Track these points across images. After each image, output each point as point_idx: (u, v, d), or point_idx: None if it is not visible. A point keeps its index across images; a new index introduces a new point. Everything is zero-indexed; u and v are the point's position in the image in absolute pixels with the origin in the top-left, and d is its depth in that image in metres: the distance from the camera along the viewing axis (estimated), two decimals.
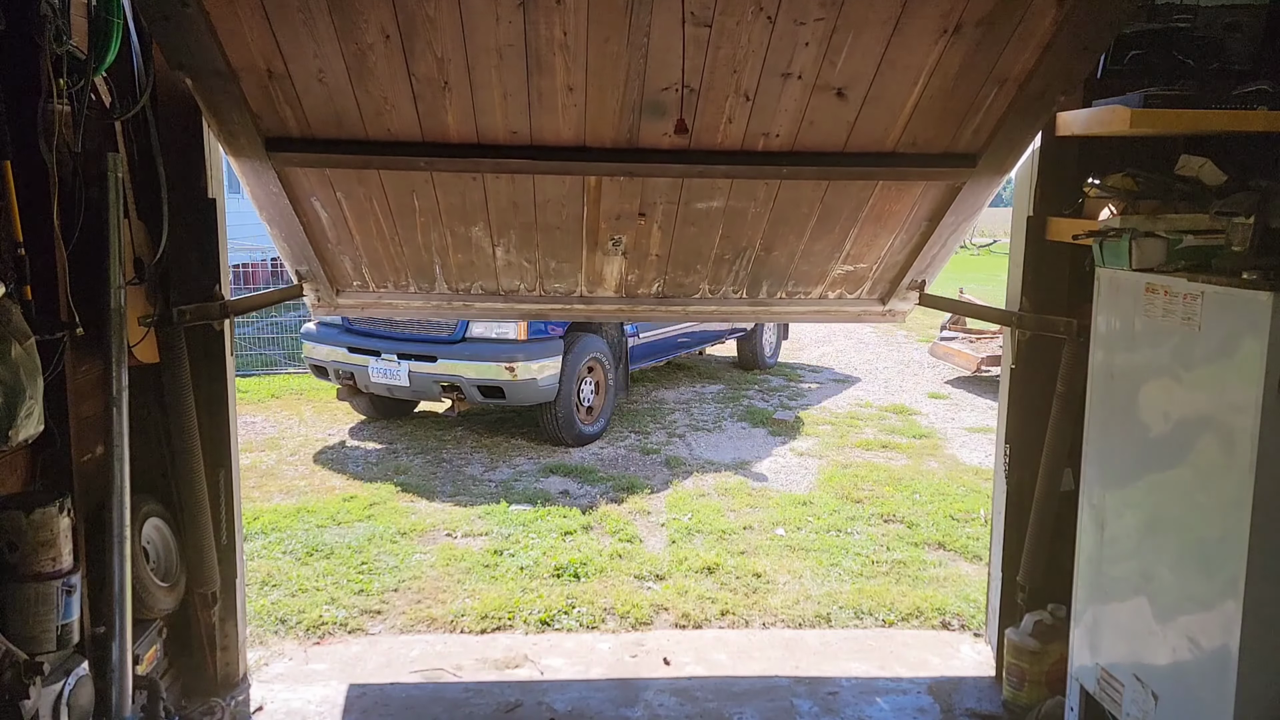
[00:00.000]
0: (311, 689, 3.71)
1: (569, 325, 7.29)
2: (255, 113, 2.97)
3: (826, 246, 3.74)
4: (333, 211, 3.45)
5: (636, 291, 3.99)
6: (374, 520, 5.61)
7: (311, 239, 3.57)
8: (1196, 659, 2.56)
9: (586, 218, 3.50)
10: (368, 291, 3.92)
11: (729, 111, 3.01)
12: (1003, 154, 3.28)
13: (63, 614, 2.54)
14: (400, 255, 3.70)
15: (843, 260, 3.84)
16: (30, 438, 2.42)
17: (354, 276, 3.84)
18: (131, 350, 3.07)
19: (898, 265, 3.89)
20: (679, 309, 4.14)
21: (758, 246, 3.71)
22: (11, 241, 2.51)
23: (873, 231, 3.66)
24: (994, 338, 10.11)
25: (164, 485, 3.44)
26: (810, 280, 3.96)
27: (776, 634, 4.30)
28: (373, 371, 7.14)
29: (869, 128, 3.12)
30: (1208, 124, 3.04)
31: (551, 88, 2.88)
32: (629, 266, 3.81)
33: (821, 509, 5.94)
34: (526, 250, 3.68)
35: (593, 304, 4.06)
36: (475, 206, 3.43)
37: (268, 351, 10.54)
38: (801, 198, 3.45)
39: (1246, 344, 2.37)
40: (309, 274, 3.77)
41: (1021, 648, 3.54)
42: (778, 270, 3.88)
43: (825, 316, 4.28)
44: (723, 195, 3.41)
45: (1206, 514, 2.53)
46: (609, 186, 3.35)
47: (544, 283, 3.90)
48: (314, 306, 3.96)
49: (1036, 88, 2.97)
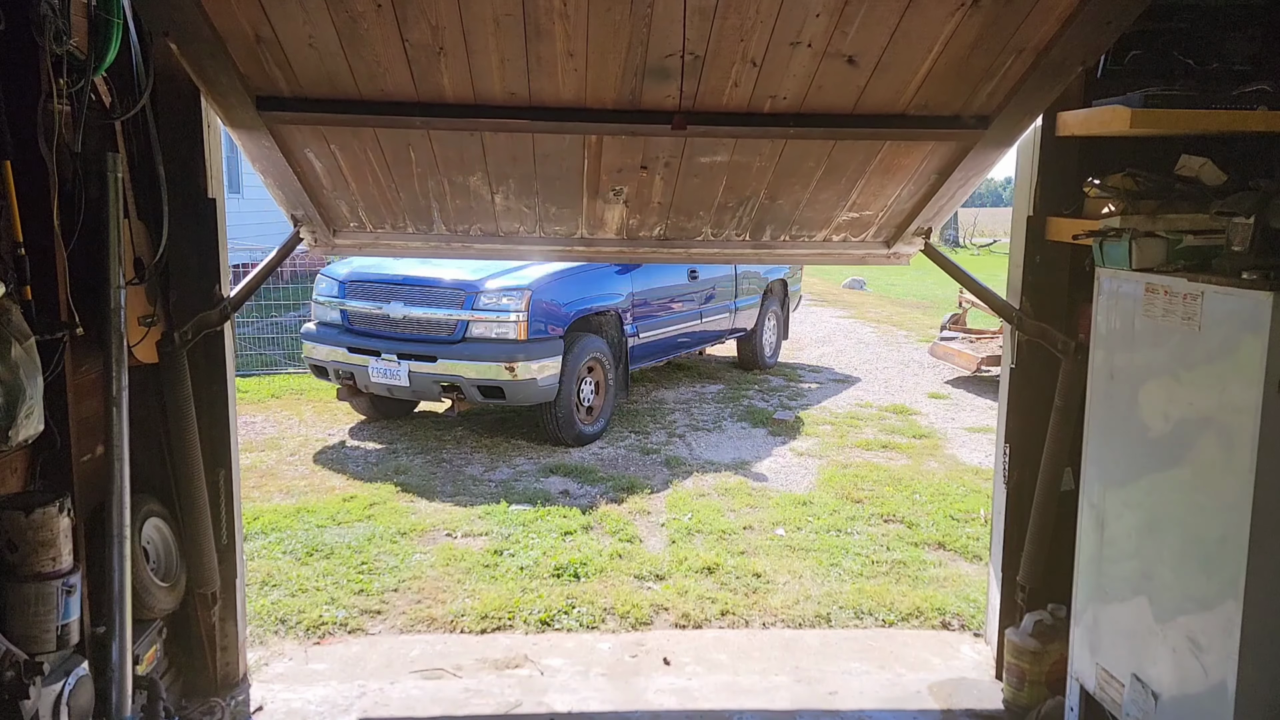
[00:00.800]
0: (311, 689, 3.71)
1: (569, 325, 7.29)
2: (244, 74, 2.91)
3: (832, 196, 3.69)
4: (327, 162, 3.41)
5: (638, 234, 3.95)
6: (374, 520, 5.61)
7: (306, 186, 3.52)
8: (1196, 659, 2.56)
9: (587, 170, 3.46)
10: (364, 232, 3.88)
11: (735, 77, 2.96)
12: (1016, 118, 3.21)
13: (63, 614, 2.54)
14: (397, 201, 3.66)
15: (848, 208, 3.79)
16: (30, 438, 2.42)
17: (350, 219, 3.79)
18: (131, 350, 3.07)
19: (905, 213, 3.84)
20: (681, 251, 4.10)
21: (762, 196, 3.66)
22: (11, 241, 2.51)
23: (880, 183, 3.61)
24: (994, 338, 10.11)
25: (164, 485, 3.44)
26: (815, 225, 3.92)
27: (776, 634, 4.30)
28: (373, 371, 7.14)
29: (880, 92, 3.07)
30: (1208, 124, 3.04)
31: (551, 54, 2.84)
32: (630, 213, 3.77)
33: (821, 509, 5.94)
34: (526, 197, 3.64)
35: (593, 245, 4.02)
36: (473, 159, 3.38)
37: (268, 351, 10.54)
38: (808, 153, 3.40)
39: (1246, 344, 2.37)
40: (304, 218, 3.72)
41: (1021, 648, 3.54)
42: (782, 216, 3.83)
43: (829, 259, 4.25)
44: (727, 151, 3.36)
45: (1206, 514, 2.53)
46: (610, 143, 3.31)
47: (544, 226, 3.86)
48: (311, 247, 3.91)
49: (1056, 57, 2.90)
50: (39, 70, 2.57)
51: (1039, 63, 2.94)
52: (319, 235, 3.83)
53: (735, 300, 9.85)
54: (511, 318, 6.96)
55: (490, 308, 7.01)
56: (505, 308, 7.00)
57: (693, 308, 9.15)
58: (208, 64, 2.85)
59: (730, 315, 9.80)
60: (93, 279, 2.85)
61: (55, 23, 2.55)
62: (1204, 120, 3.03)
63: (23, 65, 2.56)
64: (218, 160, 3.46)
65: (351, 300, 7.50)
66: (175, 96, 3.25)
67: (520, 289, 7.07)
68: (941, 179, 3.57)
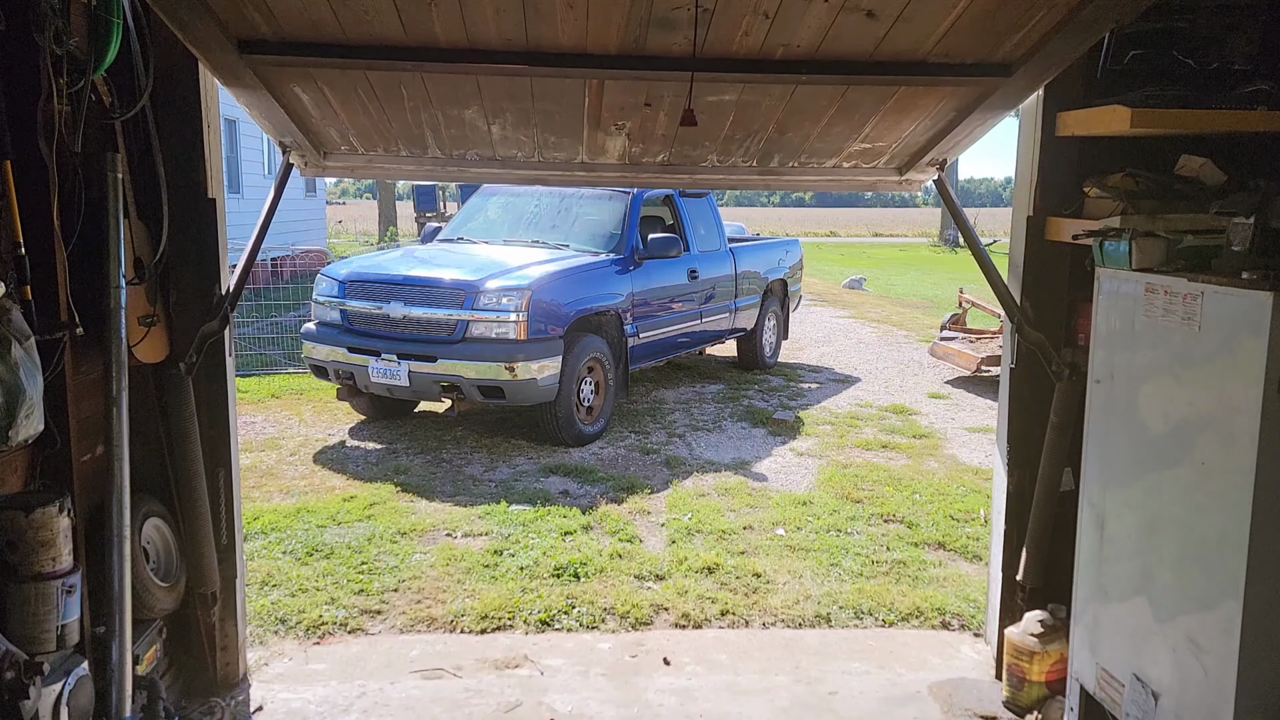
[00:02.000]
0: (311, 689, 3.71)
1: (569, 325, 7.29)
2: (223, 21, 2.81)
3: (845, 130, 3.59)
4: (314, 96, 3.32)
5: (641, 161, 3.88)
6: (374, 520, 5.61)
7: (293, 117, 3.42)
8: (1196, 659, 2.56)
9: (588, 107, 3.37)
10: (356, 155, 3.81)
11: (745, 27, 2.87)
12: (1041, 68, 3.09)
13: (63, 614, 2.54)
14: (389, 129, 3.59)
15: (860, 140, 3.69)
16: (30, 438, 2.42)
17: (340, 143, 3.71)
18: (131, 350, 3.07)
19: (920, 145, 3.73)
20: (685, 177, 4.03)
21: (770, 130, 3.57)
22: (11, 241, 2.51)
23: (895, 119, 3.51)
24: (994, 338, 10.11)
25: (164, 485, 3.45)
26: (825, 155, 3.84)
27: (776, 634, 4.30)
28: (373, 371, 7.14)
29: (899, 41, 2.96)
30: (1208, 124, 3.04)
31: (550, 5, 2.74)
32: (632, 143, 3.70)
33: (821, 509, 5.94)
34: (524, 129, 3.56)
35: (595, 171, 3.95)
36: (468, 95, 3.29)
37: (268, 351, 10.54)
38: (820, 94, 3.30)
39: (1246, 344, 2.36)
40: (293, 144, 3.63)
41: (1021, 648, 3.54)
42: (791, 147, 3.75)
43: (838, 186, 4.19)
44: (735, 91, 3.26)
45: (1206, 514, 2.53)
46: (612, 85, 3.22)
47: (542, 152, 3.78)
48: (302, 171, 3.83)
49: (1088, 16, 2.79)
50: (39, 70, 2.57)
51: (1070, 18, 2.81)
52: (309, 159, 3.75)
53: (735, 300, 9.85)
54: (511, 318, 6.96)
55: (490, 308, 7.01)
56: (505, 308, 7.00)
57: (693, 308, 9.15)
58: (183, 10, 2.72)
59: (730, 315, 9.80)
60: (93, 279, 2.85)
61: (55, 23, 2.55)
62: (1204, 120, 3.03)
63: (23, 65, 2.56)
64: (218, 160, 3.46)
65: (351, 300, 7.50)
66: (175, 96, 3.25)
67: (520, 289, 7.07)
68: (961, 117, 3.45)
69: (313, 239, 20.12)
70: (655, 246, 8.41)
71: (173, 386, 3.36)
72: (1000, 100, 3.29)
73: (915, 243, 40.10)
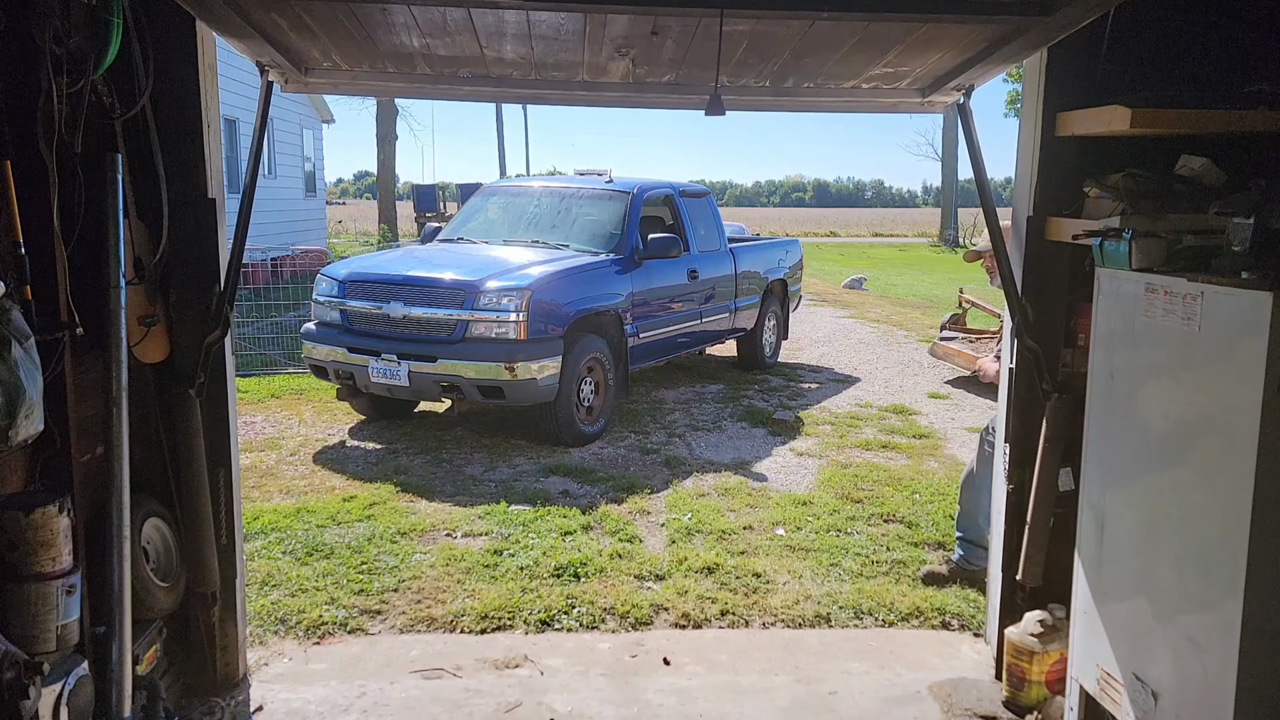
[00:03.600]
0: (311, 689, 3.71)
1: (569, 325, 7.29)
2: None
3: (866, 58, 3.44)
4: (292, 20, 3.21)
5: (646, 81, 3.74)
6: (374, 520, 5.61)
7: (270, 40, 3.29)
8: (1196, 659, 2.56)
9: (589, 35, 3.25)
10: (340, 72, 3.71)
11: None
12: (1085, 8, 2.96)
13: (63, 614, 2.54)
14: (374, 49, 3.48)
15: (883, 66, 3.54)
16: (30, 438, 2.42)
17: (323, 60, 3.60)
18: (131, 350, 3.07)
19: (946, 70, 3.58)
20: (694, 97, 3.84)
21: (786, 56, 3.42)
22: (11, 241, 2.51)
23: (921, 49, 3.38)
24: (994, 338, 10.11)
25: (164, 485, 3.45)
26: (844, 78, 3.71)
27: (776, 634, 4.30)
28: (372, 371, 7.14)
29: None
30: (1208, 124, 3.04)
31: None
32: (637, 65, 3.56)
33: (821, 509, 5.94)
34: (521, 49, 3.45)
35: (596, 91, 3.81)
36: (459, 21, 3.17)
37: (268, 351, 10.54)
38: (842, 26, 3.15)
39: (1246, 344, 2.36)
40: (270, 62, 3.49)
41: (1021, 648, 3.55)
42: (807, 72, 3.62)
43: (856, 107, 4.01)
44: (749, 21, 3.11)
45: (1206, 514, 2.53)
46: (615, 15, 3.09)
47: (540, 72, 3.67)
48: (282, 87, 3.69)
49: None
50: (39, 70, 2.57)
51: None
52: (289, 76, 3.63)
53: (735, 300, 9.85)
54: (511, 318, 6.96)
55: (490, 308, 7.01)
56: (505, 308, 7.00)
57: (692, 308, 9.15)
58: None
59: (730, 315, 9.80)
60: (93, 279, 2.85)
61: (55, 22, 2.55)
62: (1204, 120, 3.03)
63: (23, 65, 2.56)
64: (218, 160, 3.46)
65: (351, 300, 7.50)
66: (175, 96, 3.25)
67: (520, 289, 7.07)
68: (994, 49, 3.30)
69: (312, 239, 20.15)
70: (655, 246, 8.41)
71: (181, 407, 3.36)
72: (1037, 37, 3.14)
73: (915, 243, 40.13)
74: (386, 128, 29.44)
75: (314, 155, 22.43)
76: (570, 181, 9.74)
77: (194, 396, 3.37)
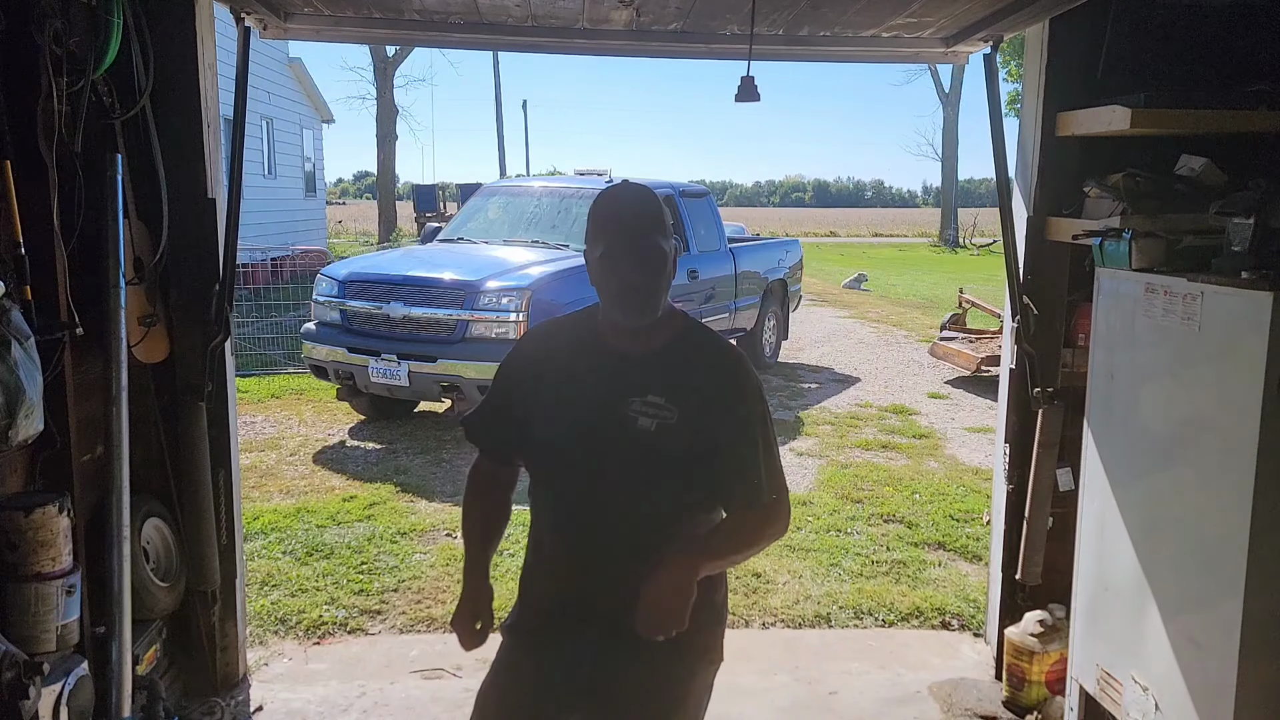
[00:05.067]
0: (311, 689, 3.70)
1: None
2: None
3: (890, 6, 3.30)
4: None
5: (650, 29, 3.58)
6: (374, 520, 5.61)
7: None
8: (1196, 659, 2.56)
9: None
10: (321, 17, 3.56)
11: None
12: None
13: (63, 614, 2.54)
14: None
15: (907, 15, 3.41)
16: (30, 438, 2.42)
17: (304, 4, 3.44)
18: (131, 350, 3.07)
19: (975, 20, 3.43)
20: (701, 46, 3.69)
21: (803, 4, 3.28)
22: (11, 241, 2.51)
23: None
24: (994, 338, 10.11)
25: (164, 485, 3.44)
26: (863, 27, 3.57)
27: (776, 634, 4.30)
28: (373, 371, 7.14)
29: None
30: (1208, 124, 3.04)
31: None
32: (642, 14, 3.42)
33: (821, 509, 5.94)
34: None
35: (596, 39, 3.64)
36: None
37: (268, 351, 10.53)
38: None
39: (1246, 344, 2.36)
40: (247, 7, 3.31)
41: (1021, 648, 3.54)
42: (825, 20, 3.48)
43: (874, 56, 3.83)
44: None
45: (1206, 514, 2.53)
46: None
47: (536, 18, 3.53)
48: (261, 34, 3.55)
49: None
50: (39, 70, 2.57)
51: None
52: (268, 21, 3.46)
53: (735, 300, 9.85)
54: (511, 317, 6.96)
55: (490, 307, 7.01)
56: (505, 307, 7.00)
57: (692, 308, 9.13)
58: None
59: (730, 315, 9.80)
60: (93, 279, 2.85)
61: (55, 22, 2.55)
62: (1204, 120, 3.03)
63: (23, 65, 2.55)
64: (218, 160, 3.46)
65: (351, 300, 7.50)
66: (175, 96, 3.25)
67: (520, 289, 7.06)
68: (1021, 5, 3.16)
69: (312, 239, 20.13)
70: None
71: (186, 415, 3.36)
72: None
73: (915, 243, 40.12)
74: (386, 127, 29.43)
75: (314, 155, 22.42)
76: (570, 181, 9.75)
77: (203, 406, 3.37)
